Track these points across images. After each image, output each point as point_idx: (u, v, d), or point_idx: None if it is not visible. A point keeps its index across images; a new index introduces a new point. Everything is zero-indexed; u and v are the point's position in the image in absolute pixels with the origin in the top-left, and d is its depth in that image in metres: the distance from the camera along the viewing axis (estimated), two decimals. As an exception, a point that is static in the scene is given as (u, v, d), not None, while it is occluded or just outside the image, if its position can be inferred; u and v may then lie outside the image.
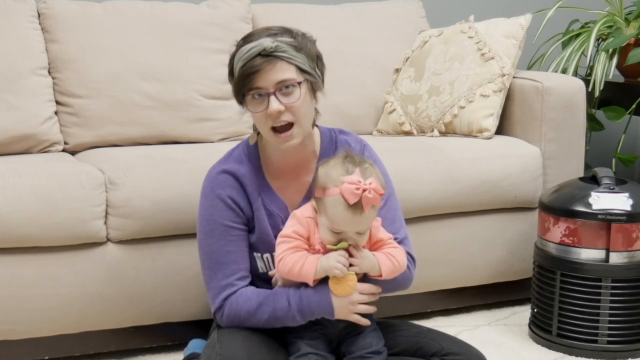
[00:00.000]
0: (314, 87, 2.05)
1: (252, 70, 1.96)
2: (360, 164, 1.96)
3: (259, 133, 2.10)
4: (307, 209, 2.02)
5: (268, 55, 1.97)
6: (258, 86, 1.98)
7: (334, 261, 1.94)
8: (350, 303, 1.99)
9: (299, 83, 1.99)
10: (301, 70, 2.00)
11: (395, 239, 2.08)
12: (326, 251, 1.97)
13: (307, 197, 2.09)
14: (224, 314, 2.06)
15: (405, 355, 2.08)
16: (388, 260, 2.01)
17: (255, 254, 2.11)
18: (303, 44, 2.02)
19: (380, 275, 2.00)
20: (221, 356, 1.96)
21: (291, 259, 1.97)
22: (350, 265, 1.96)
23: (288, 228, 2.01)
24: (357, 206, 1.90)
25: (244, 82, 1.99)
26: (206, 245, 2.09)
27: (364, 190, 1.89)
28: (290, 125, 2.00)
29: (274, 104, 1.97)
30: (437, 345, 2.07)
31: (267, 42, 1.97)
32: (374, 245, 2.03)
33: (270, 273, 2.11)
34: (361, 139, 2.20)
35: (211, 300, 2.09)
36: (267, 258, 2.11)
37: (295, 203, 2.11)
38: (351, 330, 2.04)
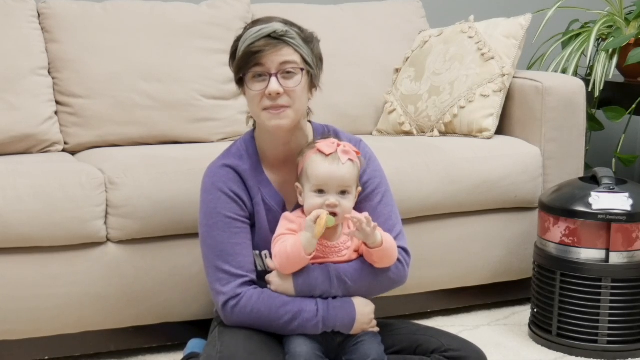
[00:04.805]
0: (313, 82, 2.08)
1: (259, 49, 1.99)
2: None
3: (254, 122, 2.13)
4: (297, 212, 2.08)
5: (277, 38, 2.00)
6: (261, 63, 2.00)
7: (311, 215, 1.98)
8: (367, 322, 2.06)
9: (302, 69, 2.02)
10: (305, 61, 2.04)
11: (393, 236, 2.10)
12: None
13: None
14: (239, 304, 2.01)
15: (405, 353, 2.10)
16: (387, 235, 2.06)
17: (254, 251, 2.10)
18: (311, 39, 2.07)
19: (381, 245, 2.02)
20: (221, 354, 1.97)
21: (279, 244, 2.01)
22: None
23: (281, 228, 2.05)
24: (334, 156, 2.00)
25: (248, 59, 2.01)
26: (210, 238, 2.06)
27: (338, 145, 2.02)
28: (284, 108, 2.03)
29: (274, 85, 2.00)
30: (437, 342, 2.08)
31: (278, 26, 2.01)
32: None
33: (269, 265, 2.10)
34: (356, 137, 2.22)
35: (219, 291, 2.03)
36: (265, 255, 2.11)
37: (292, 198, 2.12)
38: (350, 342, 2.05)
